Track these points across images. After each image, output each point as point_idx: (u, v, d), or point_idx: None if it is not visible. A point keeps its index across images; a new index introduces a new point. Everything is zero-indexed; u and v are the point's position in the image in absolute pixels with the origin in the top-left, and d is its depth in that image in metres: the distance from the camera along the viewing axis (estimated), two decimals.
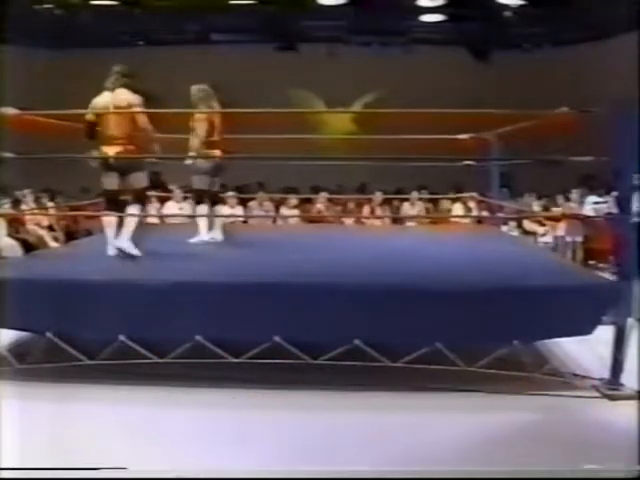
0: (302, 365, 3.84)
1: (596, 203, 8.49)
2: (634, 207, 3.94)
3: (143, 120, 4.57)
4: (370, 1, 11.64)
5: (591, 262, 8.05)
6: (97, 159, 4.63)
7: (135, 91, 4.63)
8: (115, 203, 4.67)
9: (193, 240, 5.47)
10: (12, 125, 4.58)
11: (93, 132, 4.59)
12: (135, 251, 4.62)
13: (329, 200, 9.70)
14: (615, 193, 8.19)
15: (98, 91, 4.63)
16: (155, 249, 4.86)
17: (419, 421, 3.49)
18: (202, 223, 5.56)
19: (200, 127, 5.24)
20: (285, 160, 7.13)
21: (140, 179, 4.69)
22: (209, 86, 5.42)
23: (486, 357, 3.83)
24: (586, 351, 4.28)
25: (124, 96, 4.58)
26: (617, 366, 3.86)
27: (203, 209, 5.49)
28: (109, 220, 4.73)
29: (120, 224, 4.70)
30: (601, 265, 7.66)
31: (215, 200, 5.60)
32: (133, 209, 4.65)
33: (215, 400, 3.74)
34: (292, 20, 12.31)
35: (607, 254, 7.60)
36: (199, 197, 5.53)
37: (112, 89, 4.61)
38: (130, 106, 4.55)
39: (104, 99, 4.61)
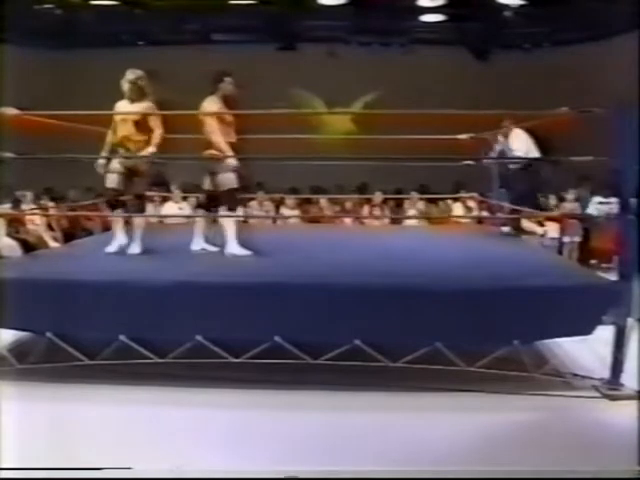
0: (302, 365, 3.84)
1: (600, 203, 8.48)
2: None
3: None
4: (370, 1, 11.65)
5: (592, 262, 8.04)
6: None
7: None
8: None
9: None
10: (12, 125, 4.57)
11: None
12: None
13: (329, 200, 9.69)
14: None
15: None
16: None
17: (419, 421, 3.49)
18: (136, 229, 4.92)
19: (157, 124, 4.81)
20: (285, 160, 7.12)
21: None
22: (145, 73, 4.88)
23: (486, 357, 3.83)
24: (586, 351, 4.28)
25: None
26: (617, 366, 3.86)
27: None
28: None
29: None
30: (603, 265, 7.65)
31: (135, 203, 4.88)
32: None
33: (215, 400, 3.74)
34: (292, 20, 12.32)
35: (608, 254, 7.60)
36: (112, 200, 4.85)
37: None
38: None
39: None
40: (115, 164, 4.81)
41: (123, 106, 4.85)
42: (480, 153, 6.41)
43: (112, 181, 4.79)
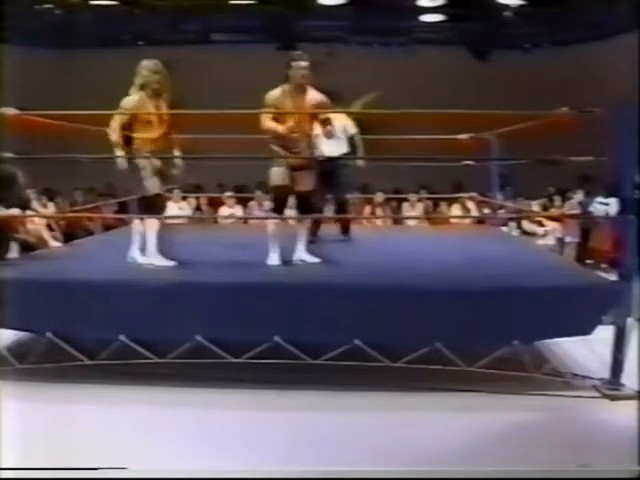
0: (302, 365, 3.84)
1: (601, 204, 8.48)
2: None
3: None
4: (370, 1, 11.66)
5: (589, 262, 8.04)
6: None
7: None
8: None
9: None
10: (12, 125, 4.57)
11: None
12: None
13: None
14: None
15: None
16: None
17: (419, 421, 3.49)
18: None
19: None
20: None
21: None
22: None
23: (486, 357, 3.83)
24: (586, 351, 4.28)
25: None
26: (617, 366, 3.86)
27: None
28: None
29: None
30: (601, 265, 7.65)
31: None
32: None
33: (215, 400, 3.74)
34: (292, 20, 12.32)
35: (605, 254, 7.61)
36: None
37: None
38: None
39: None
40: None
41: (143, 100, 4.19)
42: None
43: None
